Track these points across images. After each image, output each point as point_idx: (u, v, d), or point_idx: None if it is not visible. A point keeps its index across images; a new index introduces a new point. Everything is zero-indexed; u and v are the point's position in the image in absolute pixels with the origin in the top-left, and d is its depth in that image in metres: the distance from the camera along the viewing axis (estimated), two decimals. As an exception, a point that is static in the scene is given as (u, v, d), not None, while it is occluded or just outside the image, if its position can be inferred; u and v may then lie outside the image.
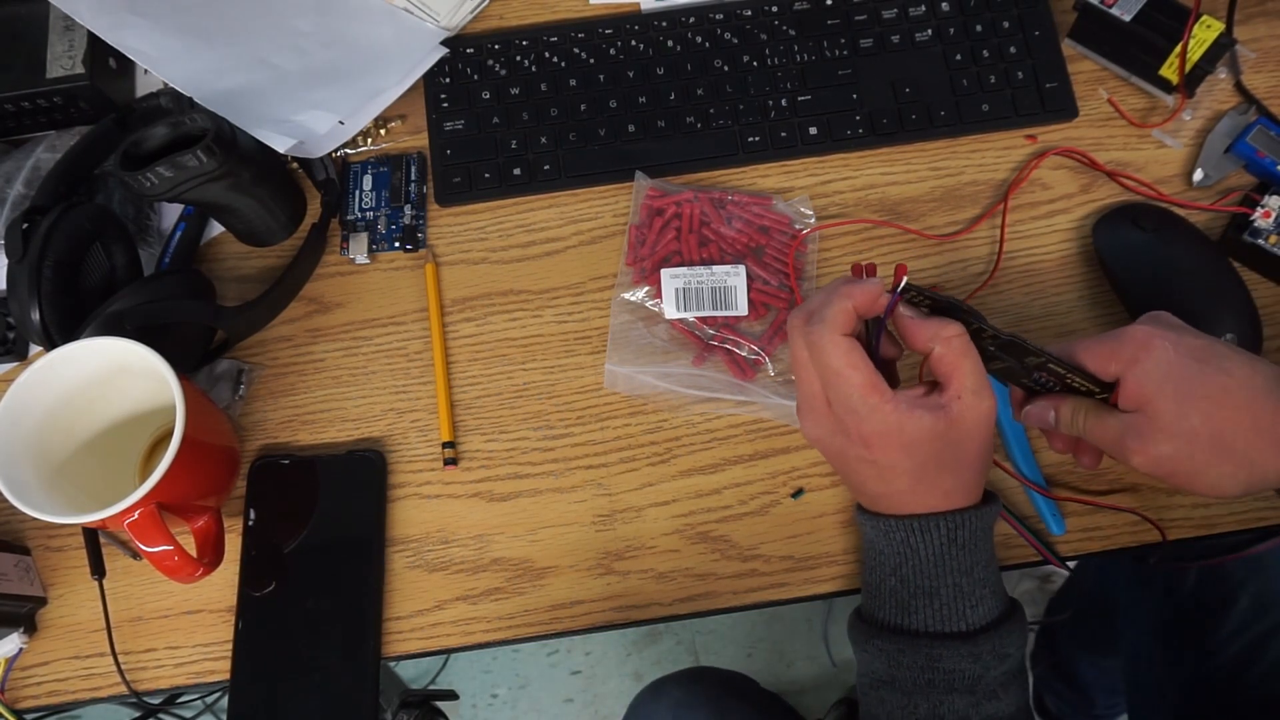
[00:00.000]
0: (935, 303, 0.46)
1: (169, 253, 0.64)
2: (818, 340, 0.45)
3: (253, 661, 0.56)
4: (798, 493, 0.59)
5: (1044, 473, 0.58)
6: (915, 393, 0.46)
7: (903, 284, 0.45)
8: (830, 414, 0.46)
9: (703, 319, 0.61)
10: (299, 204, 0.65)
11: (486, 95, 0.67)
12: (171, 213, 0.66)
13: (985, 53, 0.66)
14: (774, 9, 0.68)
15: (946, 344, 0.45)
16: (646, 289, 0.62)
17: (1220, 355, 0.45)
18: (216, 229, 0.66)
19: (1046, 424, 0.50)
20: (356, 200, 0.66)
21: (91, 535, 0.57)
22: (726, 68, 0.67)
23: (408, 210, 0.65)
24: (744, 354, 0.60)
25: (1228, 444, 0.44)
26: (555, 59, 0.68)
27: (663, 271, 0.61)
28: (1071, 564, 0.80)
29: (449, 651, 0.58)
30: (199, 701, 0.93)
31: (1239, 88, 0.65)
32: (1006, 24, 0.66)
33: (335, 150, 0.66)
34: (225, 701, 0.56)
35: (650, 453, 0.60)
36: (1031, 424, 0.51)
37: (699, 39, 0.68)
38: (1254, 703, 0.62)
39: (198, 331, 0.60)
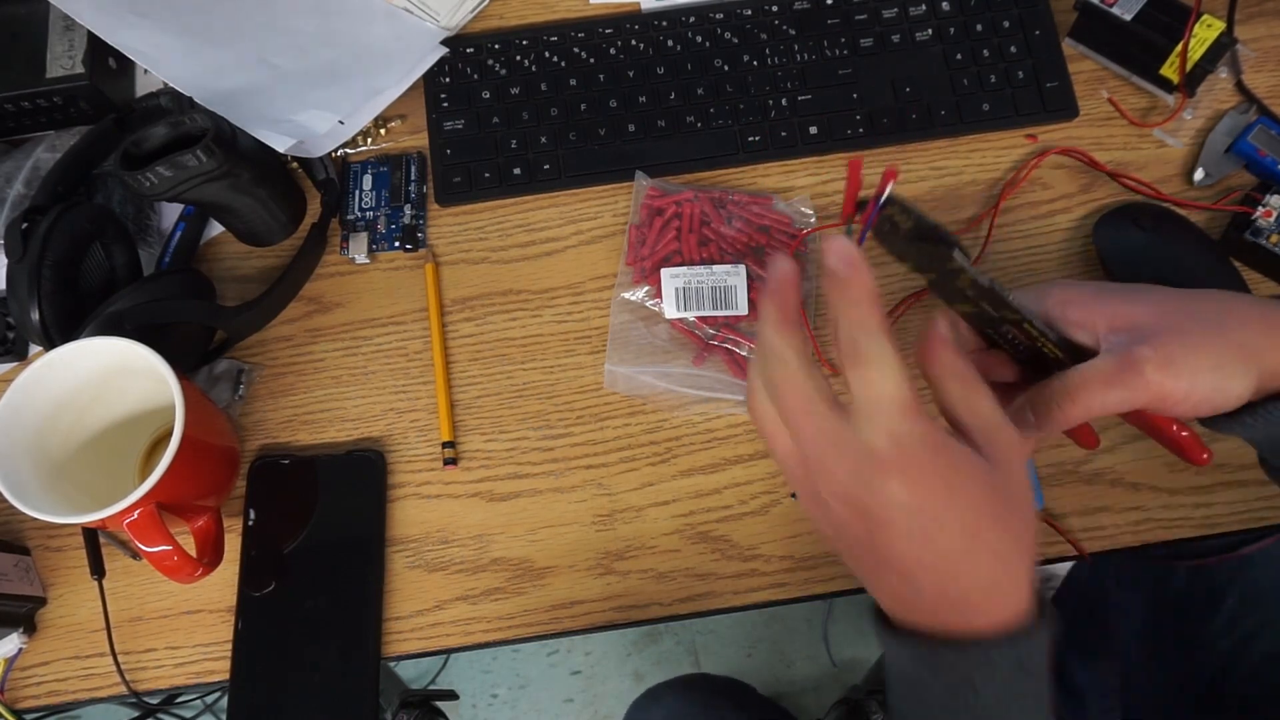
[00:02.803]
0: (919, 226, 0.37)
1: (169, 253, 0.64)
2: (786, 375, 0.35)
3: (252, 661, 0.56)
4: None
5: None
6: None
7: (886, 194, 0.36)
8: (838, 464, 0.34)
9: (703, 319, 0.61)
10: (299, 204, 0.65)
11: (486, 95, 0.67)
12: (171, 213, 0.66)
13: (985, 52, 0.66)
14: (774, 9, 0.68)
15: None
16: (646, 289, 0.62)
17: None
18: (216, 229, 0.66)
19: (1026, 425, 0.42)
20: (356, 200, 0.66)
21: (91, 535, 0.57)
22: (726, 67, 0.67)
23: (408, 210, 0.65)
24: (744, 354, 0.60)
25: (1229, 331, 0.41)
26: (555, 59, 0.67)
27: (663, 271, 0.61)
28: (1066, 564, 0.80)
29: (449, 651, 0.58)
30: (198, 701, 0.94)
31: (1240, 87, 0.65)
32: (1007, 23, 0.66)
33: (335, 150, 0.66)
34: (225, 701, 0.56)
35: (650, 453, 0.60)
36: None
37: (699, 39, 0.68)
38: (1243, 698, 0.63)
39: (197, 331, 0.60)
